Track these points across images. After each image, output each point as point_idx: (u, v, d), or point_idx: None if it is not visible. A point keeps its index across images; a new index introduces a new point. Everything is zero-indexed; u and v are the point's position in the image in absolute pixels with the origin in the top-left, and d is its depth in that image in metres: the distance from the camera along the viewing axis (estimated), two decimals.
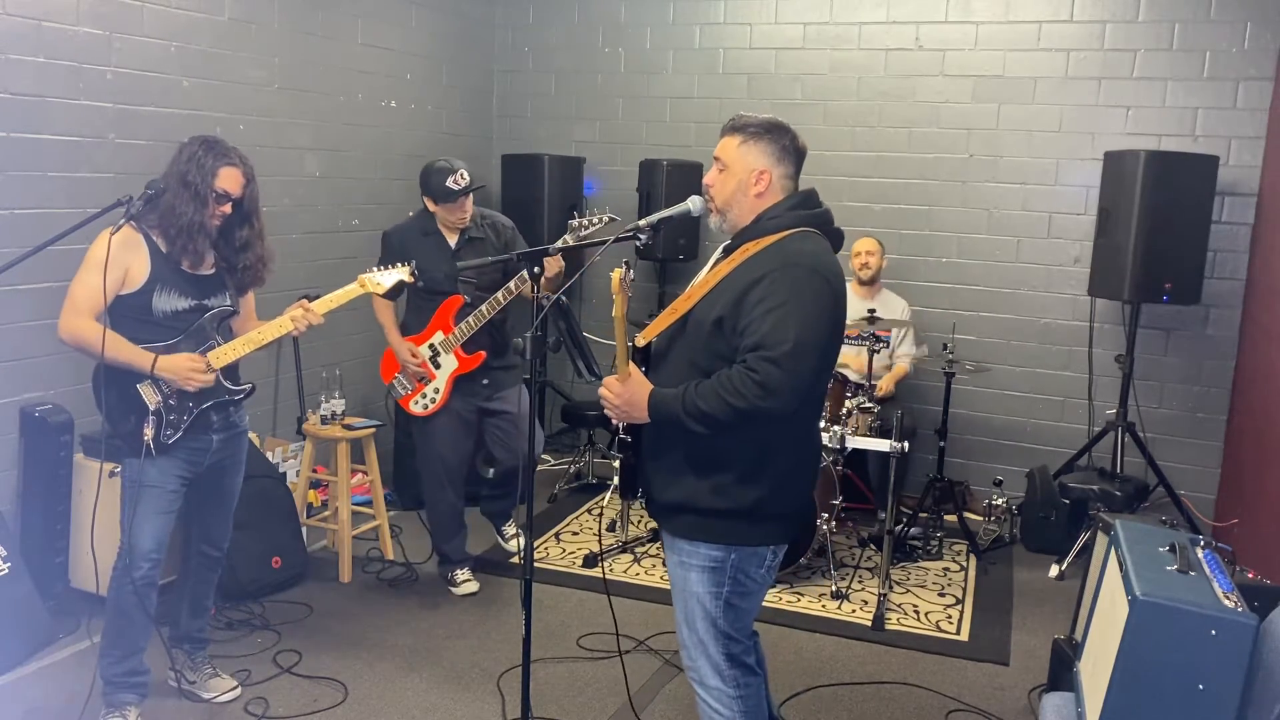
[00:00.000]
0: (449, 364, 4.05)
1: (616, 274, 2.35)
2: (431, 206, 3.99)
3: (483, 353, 4.05)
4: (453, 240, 4.05)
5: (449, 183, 3.89)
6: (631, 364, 2.42)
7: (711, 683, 2.49)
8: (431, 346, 4.05)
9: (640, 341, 2.49)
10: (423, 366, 4.04)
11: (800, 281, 2.26)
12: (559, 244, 3.62)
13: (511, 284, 3.88)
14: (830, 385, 4.08)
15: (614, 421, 2.46)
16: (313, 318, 3.10)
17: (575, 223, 3.72)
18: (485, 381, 4.12)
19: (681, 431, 2.32)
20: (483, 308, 3.95)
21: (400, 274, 3.31)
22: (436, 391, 4.07)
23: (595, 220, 3.73)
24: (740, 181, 2.41)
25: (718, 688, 2.48)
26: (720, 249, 2.53)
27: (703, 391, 2.27)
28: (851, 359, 5.01)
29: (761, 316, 2.24)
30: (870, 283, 5.21)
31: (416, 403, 4.10)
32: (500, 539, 4.52)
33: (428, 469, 4.19)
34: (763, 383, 2.20)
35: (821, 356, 2.29)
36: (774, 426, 2.30)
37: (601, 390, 2.41)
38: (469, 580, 4.27)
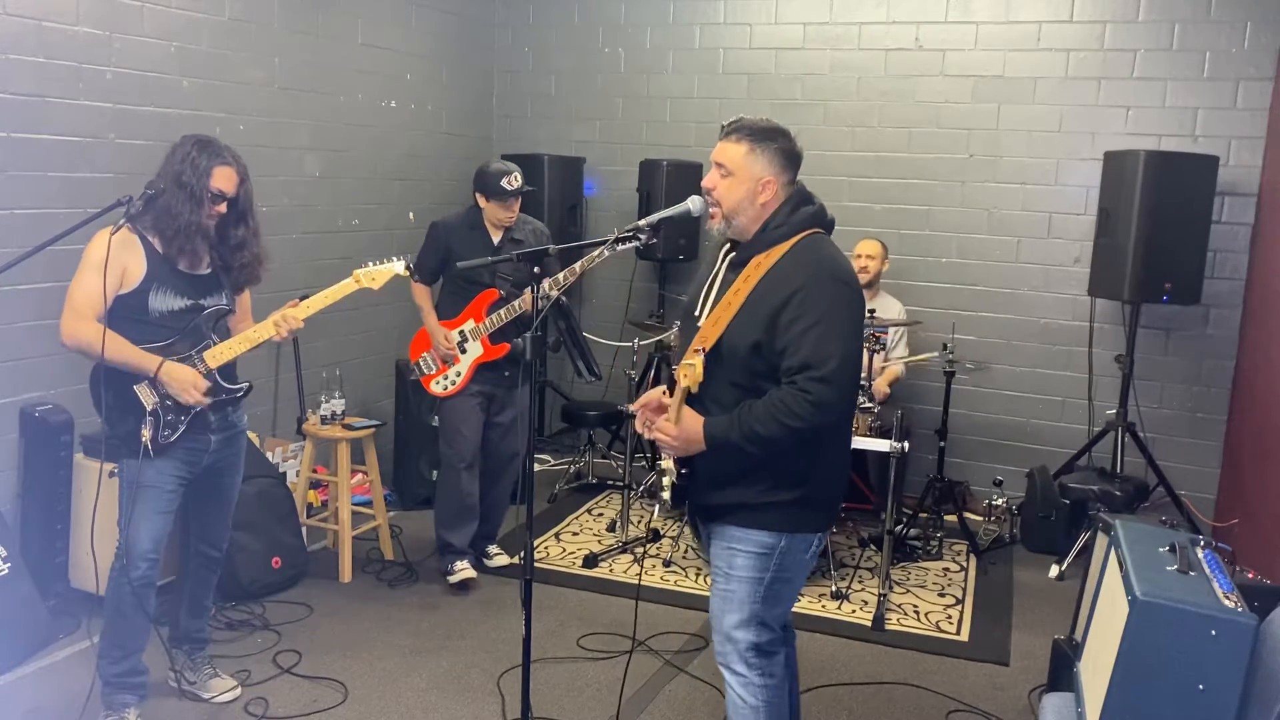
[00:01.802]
0: (474, 350, 4.22)
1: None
2: (482, 203, 4.18)
3: (507, 344, 4.22)
4: (496, 237, 4.22)
5: (504, 183, 4.09)
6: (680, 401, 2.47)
7: (738, 668, 2.54)
8: (461, 333, 4.22)
9: (694, 389, 2.42)
10: (452, 350, 4.22)
11: (830, 295, 2.34)
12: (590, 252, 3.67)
13: (545, 283, 3.95)
14: None
15: (667, 453, 2.52)
16: (293, 323, 3.11)
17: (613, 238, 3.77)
18: (507, 373, 4.28)
19: (735, 451, 2.39)
20: (515, 303, 4.13)
21: (395, 268, 3.30)
22: (458, 375, 4.23)
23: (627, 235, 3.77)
24: (748, 190, 2.44)
25: (743, 674, 2.53)
26: (724, 259, 2.54)
27: (757, 416, 2.34)
28: None
29: (800, 335, 2.32)
30: (868, 286, 5.18)
31: (438, 383, 4.25)
32: (484, 558, 4.51)
33: (448, 449, 4.30)
34: (817, 402, 2.30)
35: (859, 361, 2.43)
36: (820, 433, 2.40)
37: (657, 435, 2.46)
38: (466, 569, 4.29)
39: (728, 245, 2.56)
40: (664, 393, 2.54)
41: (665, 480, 2.55)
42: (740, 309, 2.39)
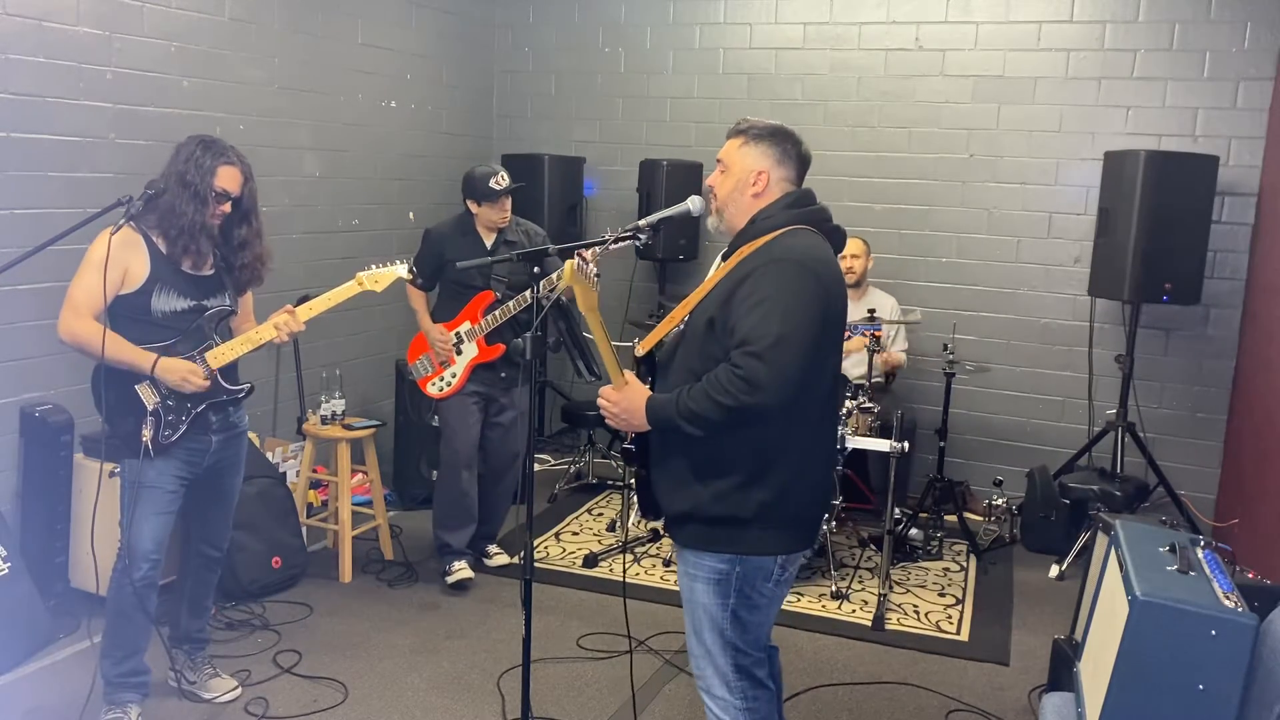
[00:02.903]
0: (470, 351, 4.23)
1: (569, 265, 2.26)
2: (474, 208, 4.19)
3: (502, 345, 4.23)
4: (489, 240, 4.23)
5: (491, 183, 4.11)
6: (628, 371, 2.40)
7: (718, 693, 2.45)
8: (458, 334, 4.24)
9: (640, 351, 2.47)
10: (447, 349, 4.23)
11: (785, 275, 2.24)
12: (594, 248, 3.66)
13: (541, 285, 3.95)
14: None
15: (618, 430, 2.45)
16: (294, 325, 3.11)
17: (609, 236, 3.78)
18: (503, 374, 4.29)
19: (683, 437, 2.29)
20: (509, 304, 4.14)
21: (398, 271, 3.31)
22: (454, 375, 4.24)
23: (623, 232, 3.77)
24: (738, 181, 2.40)
25: (724, 698, 2.44)
26: (720, 256, 2.53)
27: (694, 393, 2.24)
28: (849, 345, 4.96)
29: (746, 313, 2.22)
30: (856, 286, 5.17)
31: (434, 384, 4.27)
32: (484, 558, 4.53)
33: (447, 449, 4.31)
34: (746, 378, 2.17)
35: (809, 349, 2.23)
36: (776, 428, 2.27)
37: (600, 400, 2.40)
38: (463, 569, 4.30)
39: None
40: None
41: (632, 481, 2.47)
42: (709, 291, 2.35)
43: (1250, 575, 3.25)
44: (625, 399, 2.36)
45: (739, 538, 2.34)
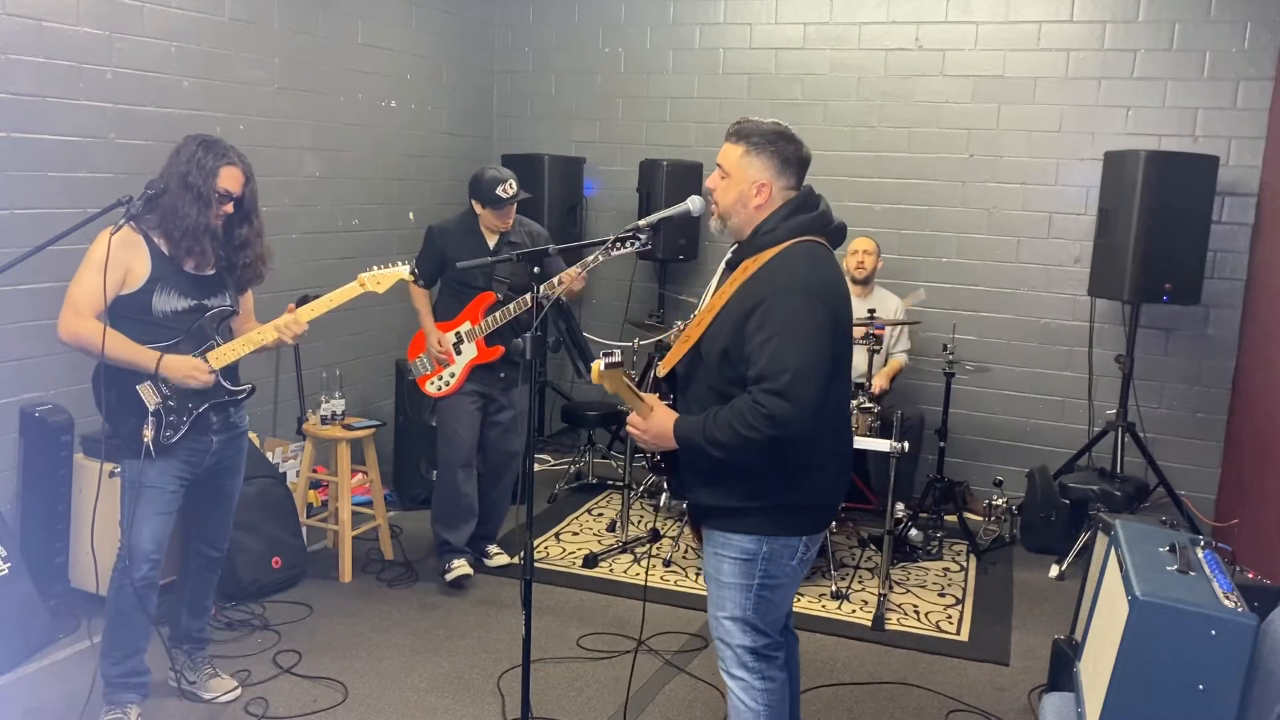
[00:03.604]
0: (469, 352, 4.23)
1: (595, 369, 2.35)
2: (478, 209, 4.19)
3: (501, 347, 4.22)
4: (492, 241, 4.23)
5: (499, 191, 4.09)
6: (652, 396, 2.49)
7: (737, 672, 2.54)
8: (457, 334, 4.24)
9: (661, 372, 2.56)
10: (445, 354, 4.22)
11: (793, 306, 2.30)
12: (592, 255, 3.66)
13: (542, 288, 3.95)
14: None
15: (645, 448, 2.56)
16: (297, 328, 3.11)
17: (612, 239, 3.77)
18: (502, 375, 4.29)
19: (703, 453, 2.39)
20: (510, 305, 4.13)
21: (400, 273, 3.31)
22: (453, 376, 4.24)
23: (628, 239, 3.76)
24: (741, 192, 2.43)
25: (743, 678, 2.54)
26: (724, 263, 2.56)
27: (719, 422, 2.33)
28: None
29: (759, 347, 2.30)
30: (864, 282, 5.19)
31: (433, 383, 4.28)
32: (484, 558, 4.53)
33: (445, 448, 4.31)
34: (770, 415, 2.26)
35: (826, 373, 2.33)
36: (799, 441, 2.35)
37: (629, 427, 2.50)
38: (462, 565, 4.31)
39: (734, 244, 2.57)
40: (658, 396, 2.56)
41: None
42: (719, 312, 2.40)
43: (1250, 575, 3.25)
44: (653, 425, 2.45)
45: (766, 523, 2.44)
